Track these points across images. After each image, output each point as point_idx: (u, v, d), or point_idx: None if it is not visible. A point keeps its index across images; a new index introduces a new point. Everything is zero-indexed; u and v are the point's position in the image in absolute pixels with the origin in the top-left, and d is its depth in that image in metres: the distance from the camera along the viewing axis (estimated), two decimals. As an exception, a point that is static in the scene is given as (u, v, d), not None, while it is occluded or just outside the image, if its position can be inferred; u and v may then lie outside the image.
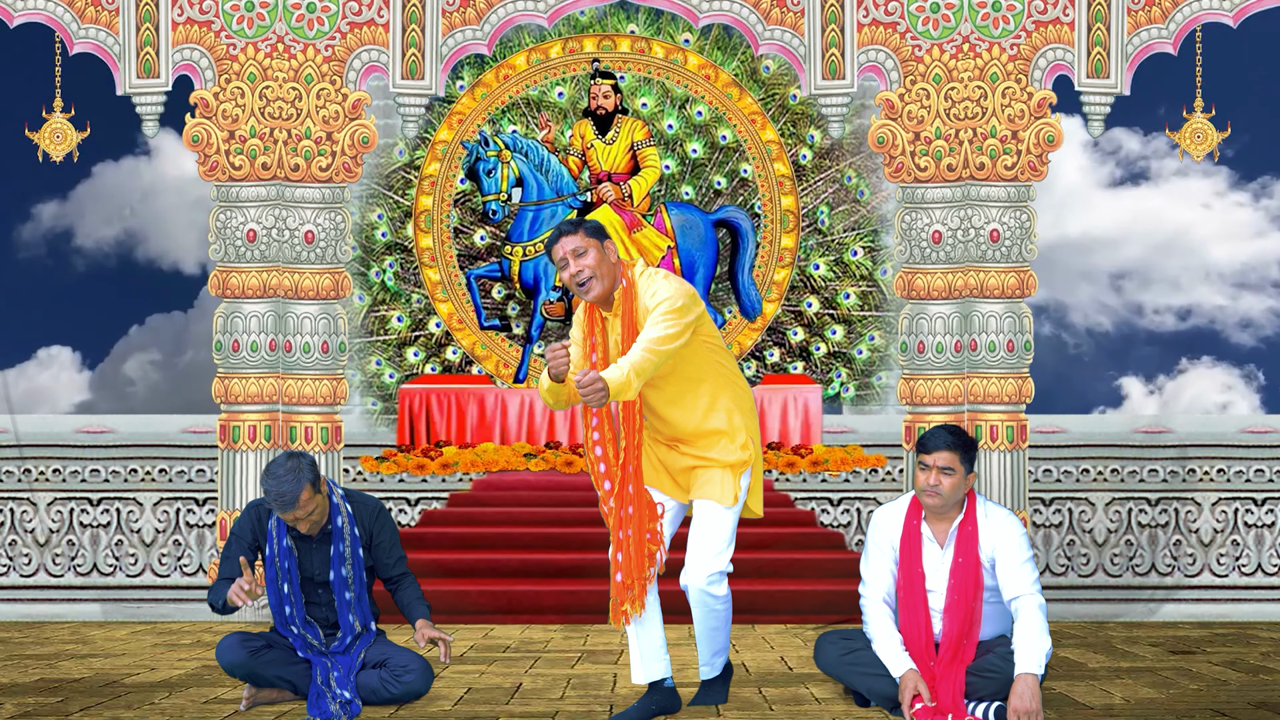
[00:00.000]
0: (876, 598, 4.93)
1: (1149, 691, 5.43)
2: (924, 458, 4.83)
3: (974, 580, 4.80)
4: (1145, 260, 14.59)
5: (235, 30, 8.09)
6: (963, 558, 4.81)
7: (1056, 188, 13.44)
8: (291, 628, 5.12)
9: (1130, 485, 8.83)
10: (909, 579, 4.86)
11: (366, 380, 12.36)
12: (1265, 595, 8.72)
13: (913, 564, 4.86)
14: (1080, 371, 14.51)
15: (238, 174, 8.10)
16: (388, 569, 5.27)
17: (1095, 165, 14.46)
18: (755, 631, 7.37)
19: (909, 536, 4.89)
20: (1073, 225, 14.32)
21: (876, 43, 8.11)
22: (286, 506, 4.94)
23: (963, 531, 4.83)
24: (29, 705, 5.21)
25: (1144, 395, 14.12)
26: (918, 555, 4.87)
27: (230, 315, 8.11)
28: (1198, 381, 14.15)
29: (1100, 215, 14.49)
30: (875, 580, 4.95)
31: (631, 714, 4.91)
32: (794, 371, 12.32)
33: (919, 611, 4.84)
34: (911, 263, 8.17)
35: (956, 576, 4.81)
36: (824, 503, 9.16)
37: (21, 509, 8.84)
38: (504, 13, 8.19)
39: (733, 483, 4.85)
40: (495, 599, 8.01)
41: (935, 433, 4.86)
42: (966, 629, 4.80)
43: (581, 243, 4.74)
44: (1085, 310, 14.55)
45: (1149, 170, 14.60)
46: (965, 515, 4.85)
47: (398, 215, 12.41)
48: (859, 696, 5.09)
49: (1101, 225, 14.48)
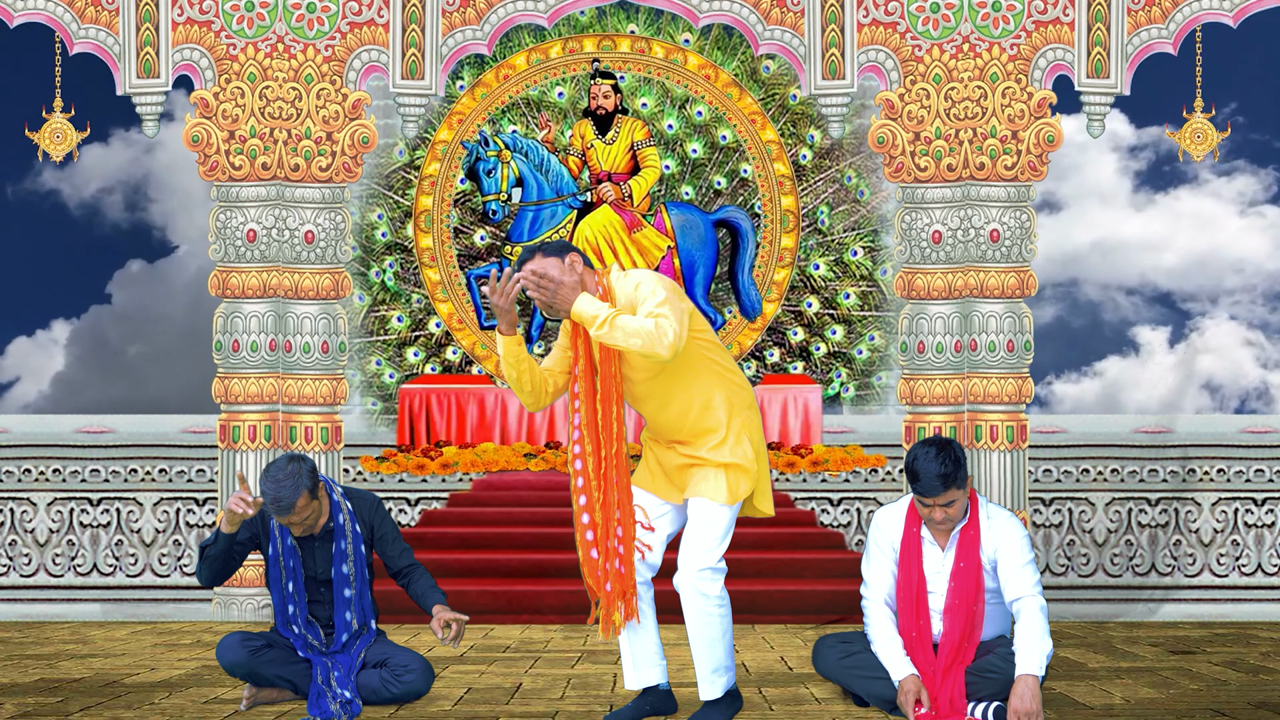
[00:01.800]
0: (878, 599, 4.93)
1: (1149, 691, 5.43)
2: (924, 500, 4.77)
3: (975, 583, 4.79)
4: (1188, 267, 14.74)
5: (235, 30, 8.09)
6: (964, 561, 4.80)
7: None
8: (293, 627, 5.12)
9: (1130, 485, 8.83)
10: (909, 581, 4.85)
11: (366, 380, 12.36)
12: (1265, 595, 8.73)
13: (913, 566, 4.85)
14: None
15: (238, 174, 8.10)
16: (395, 560, 5.25)
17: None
18: (755, 631, 7.37)
19: (909, 539, 4.89)
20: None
21: (876, 43, 8.11)
22: (282, 512, 4.94)
23: (965, 535, 4.83)
24: (29, 705, 5.21)
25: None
26: (918, 557, 4.86)
27: (230, 315, 8.11)
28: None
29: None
30: (876, 582, 4.94)
31: (625, 714, 4.88)
32: (794, 371, 12.32)
33: (919, 613, 4.84)
34: (911, 263, 8.17)
35: (957, 580, 4.80)
36: (824, 503, 9.16)
37: (21, 509, 8.84)
38: (504, 13, 8.19)
39: (725, 481, 4.74)
40: (495, 599, 8.01)
41: (926, 472, 4.72)
42: (967, 632, 4.80)
43: (540, 264, 4.62)
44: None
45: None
46: (969, 519, 4.85)
47: (398, 215, 12.41)
48: (858, 698, 5.09)
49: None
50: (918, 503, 4.81)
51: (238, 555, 5.11)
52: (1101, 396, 14.61)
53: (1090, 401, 14.54)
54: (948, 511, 4.77)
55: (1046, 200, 13.88)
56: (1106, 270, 15.06)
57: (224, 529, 4.95)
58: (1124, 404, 14.39)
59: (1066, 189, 14.63)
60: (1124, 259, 15.06)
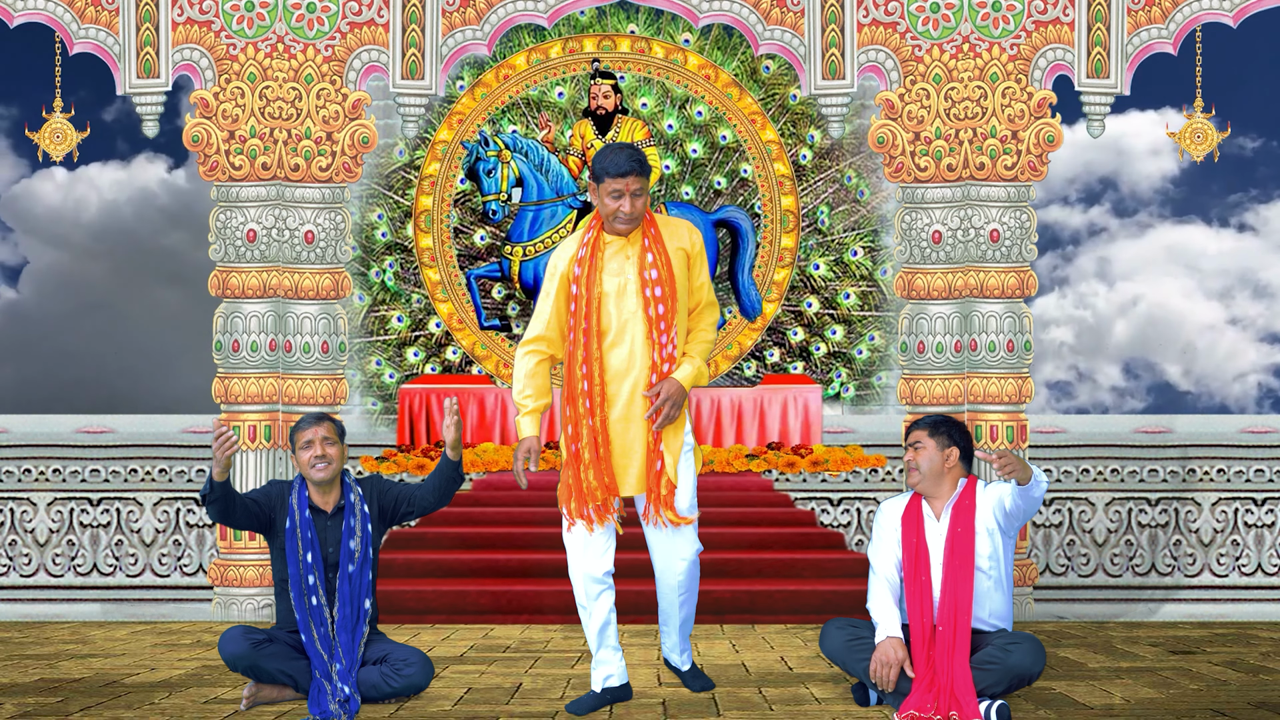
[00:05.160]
0: (881, 576, 5.04)
1: (1149, 691, 5.43)
2: (905, 443, 5.16)
3: (970, 548, 4.90)
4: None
5: (235, 30, 8.09)
6: (960, 527, 4.93)
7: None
8: (310, 599, 5.11)
9: (1130, 485, 8.83)
10: (912, 558, 4.96)
11: (366, 380, 12.37)
12: (1265, 595, 8.73)
13: (915, 542, 4.97)
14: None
15: (238, 174, 8.10)
16: (418, 493, 5.36)
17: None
18: (755, 631, 7.37)
19: (911, 517, 5.02)
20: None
21: (876, 43, 8.11)
22: (320, 419, 5.22)
23: (960, 505, 4.97)
24: (29, 705, 5.22)
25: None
26: (920, 533, 4.98)
27: (230, 315, 8.11)
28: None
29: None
30: (881, 564, 5.06)
31: (586, 702, 5.05)
32: (794, 371, 12.33)
33: (923, 594, 4.88)
34: (911, 263, 8.17)
35: (952, 544, 4.91)
36: (824, 503, 9.16)
37: (21, 509, 8.84)
38: (504, 13, 8.19)
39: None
40: (495, 599, 8.01)
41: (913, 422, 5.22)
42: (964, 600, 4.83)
43: (641, 185, 5.03)
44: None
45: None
46: (963, 492, 4.99)
47: (398, 215, 12.41)
48: (859, 693, 5.11)
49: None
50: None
51: (240, 512, 5.17)
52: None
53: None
54: (916, 456, 5.02)
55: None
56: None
57: (215, 476, 5.00)
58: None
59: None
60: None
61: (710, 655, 6.46)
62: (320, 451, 5.16)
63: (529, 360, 5.15)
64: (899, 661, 4.82)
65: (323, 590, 5.13)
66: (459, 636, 7.18)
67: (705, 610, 7.79)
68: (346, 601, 5.15)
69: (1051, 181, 11.81)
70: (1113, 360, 15.23)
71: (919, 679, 4.79)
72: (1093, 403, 14.92)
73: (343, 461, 5.26)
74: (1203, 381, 15.00)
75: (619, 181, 5.00)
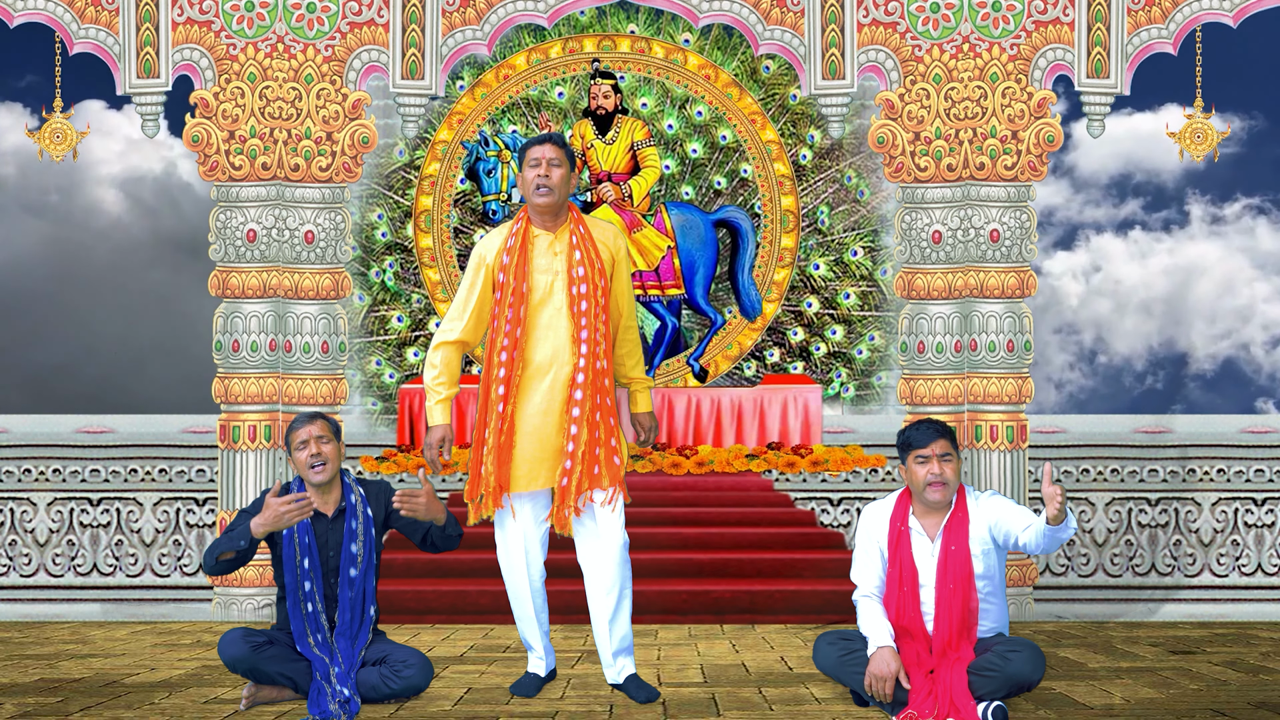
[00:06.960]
0: (866, 592, 4.96)
1: (1149, 691, 5.43)
2: (921, 451, 4.83)
3: (965, 568, 4.80)
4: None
5: (235, 30, 8.09)
6: (954, 545, 4.81)
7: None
8: (307, 605, 5.10)
9: (1130, 485, 8.83)
10: (900, 575, 4.85)
11: (366, 380, 12.37)
12: (1265, 595, 8.73)
13: (903, 559, 4.86)
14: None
15: (238, 174, 8.10)
16: (413, 535, 5.34)
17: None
18: (755, 631, 7.36)
19: (897, 533, 4.90)
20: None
21: (876, 43, 8.11)
22: (314, 417, 5.17)
23: (953, 520, 4.85)
24: (29, 705, 5.22)
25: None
26: (907, 549, 4.87)
27: (230, 315, 8.11)
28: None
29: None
30: (865, 579, 4.98)
31: (528, 684, 5.35)
32: (794, 371, 12.32)
33: (913, 607, 4.84)
34: (911, 263, 8.17)
35: (947, 565, 4.80)
36: (824, 503, 9.16)
37: (21, 509, 8.84)
38: (504, 13, 8.19)
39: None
40: (495, 599, 7.97)
41: (920, 427, 4.88)
42: (963, 621, 4.79)
43: (559, 156, 5.12)
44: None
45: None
46: (955, 506, 4.87)
47: (398, 215, 12.41)
48: (858, 696, 5.10)
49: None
50: (916, 462, 4.82)
51: (252, 551, 5.13)
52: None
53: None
54: (945, 466, 4.78)
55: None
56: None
57: (256, 533, 4.95)
58: None
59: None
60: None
61: (710, 655, 6.46)
62: (316, 450, 5.14)
63: (445, 349, 5.21)
64: (893, 674, 4.75)
65: (320, 597, 5.11)
66: (459, 636, 7.18)
67: (705, 610, 7.80)
68: (348, 607, 5.13)
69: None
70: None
71: (916, 689, 4.76)
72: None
73: (340, 460, 5.24)
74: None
75: (536, 149, 5.11)
